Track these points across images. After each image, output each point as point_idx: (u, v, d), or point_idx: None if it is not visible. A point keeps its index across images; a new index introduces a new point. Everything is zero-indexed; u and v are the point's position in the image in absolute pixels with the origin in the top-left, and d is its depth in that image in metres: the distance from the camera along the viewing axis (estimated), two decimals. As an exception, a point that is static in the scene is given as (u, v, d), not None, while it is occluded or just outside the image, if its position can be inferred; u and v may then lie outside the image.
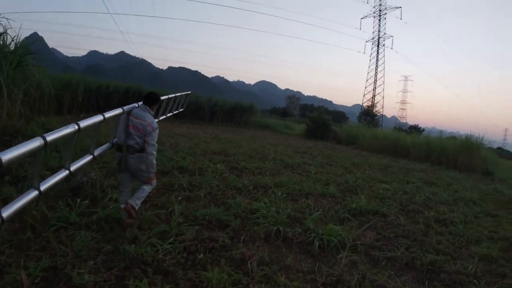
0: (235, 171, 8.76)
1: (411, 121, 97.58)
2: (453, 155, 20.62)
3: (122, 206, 4.57)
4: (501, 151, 49.18)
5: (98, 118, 4.40)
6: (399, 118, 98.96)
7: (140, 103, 4.84)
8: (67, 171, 4.25)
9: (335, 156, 16.02)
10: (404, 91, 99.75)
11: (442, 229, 6.39)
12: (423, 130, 70.15)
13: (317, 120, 29.92)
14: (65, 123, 4.10)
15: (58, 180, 4.09)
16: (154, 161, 4.62)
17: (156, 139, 4.56)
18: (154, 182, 4.88)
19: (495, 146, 24.30)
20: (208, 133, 19.80)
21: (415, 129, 61.56)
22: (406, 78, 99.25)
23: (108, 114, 4.53)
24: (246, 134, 22.84)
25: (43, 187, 3.65)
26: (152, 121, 4.53)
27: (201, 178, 7.22)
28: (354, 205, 6.55)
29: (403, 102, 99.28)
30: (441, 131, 27.95)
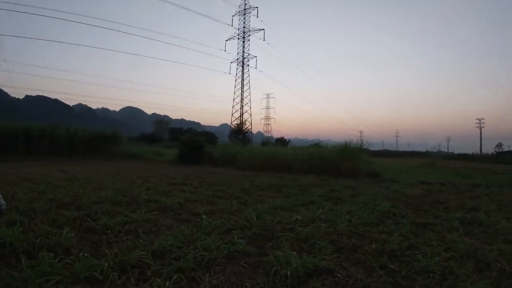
0: (91, 236, 5.68)
1: (275, 134, 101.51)
2: (336, 163, 20.10)
3: None
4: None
5: None
6: (264, 133, 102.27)
7: None
8: None
9: (219, 182, 13.72)
10: (267, 107, 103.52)
11: (406, 272, 4.50)
12: (289, 141, 72.85)
13: (190, 143, 27.49)
14: None
15: None
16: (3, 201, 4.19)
17: None
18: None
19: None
20: (63, 171, 16.19)
21: (282, 142, 63.38)
22: (268, 96, 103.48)
23: None
24: (111, 168, 19.42)
25: None
26: None
27: (31, 268, 4.02)
28: (284, 270, 4.14)
29: (267, 118, 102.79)
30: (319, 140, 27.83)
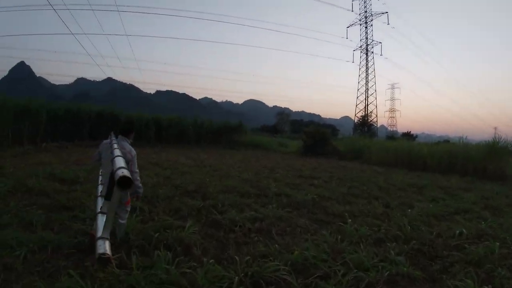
0: (217, 232, 5.09)
1: (400, 128, 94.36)
2: (480, 163, 17.43)
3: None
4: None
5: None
6: (388, 127, 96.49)
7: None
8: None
9: (351, 178, 12.59)
10: (392, 99, 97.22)
11: None
12: (416, 136, 67.57)
13: (315, 134, 26.56)
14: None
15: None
16: (140, 184, 4.64)
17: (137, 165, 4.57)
18: (128, 207, 4.64)
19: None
20: (191, 158, 16.57)
21: (408, 136, 59.08)
22: (393, 86, 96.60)
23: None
24: (236, 157, 19.47)
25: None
26: (130, 149, 4.54)
27: (142, 271, 3.46)
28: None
29: (392, 110, 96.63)
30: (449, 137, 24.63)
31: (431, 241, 5.22)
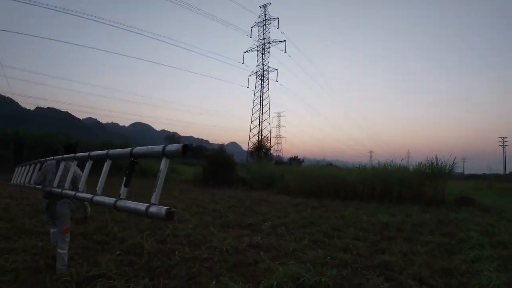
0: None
1: (285, 154, 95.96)
2: (418, 187, 15.26)
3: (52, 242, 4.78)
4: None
5: None
6: (274, 153, 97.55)
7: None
8: None
9: (296, 222, 8.66)
10: (279, 126, 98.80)
11: None
12: (303, 160, 67.74)
13: (218, 159, 22.16)
14: None
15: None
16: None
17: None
18: (67, 236, 4.59)
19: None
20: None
21: (296, 160, 58.81)
22: (279, 114, 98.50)
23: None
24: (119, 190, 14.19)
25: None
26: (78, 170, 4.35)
27: None
28: None
29: (278, 136, 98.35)
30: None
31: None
